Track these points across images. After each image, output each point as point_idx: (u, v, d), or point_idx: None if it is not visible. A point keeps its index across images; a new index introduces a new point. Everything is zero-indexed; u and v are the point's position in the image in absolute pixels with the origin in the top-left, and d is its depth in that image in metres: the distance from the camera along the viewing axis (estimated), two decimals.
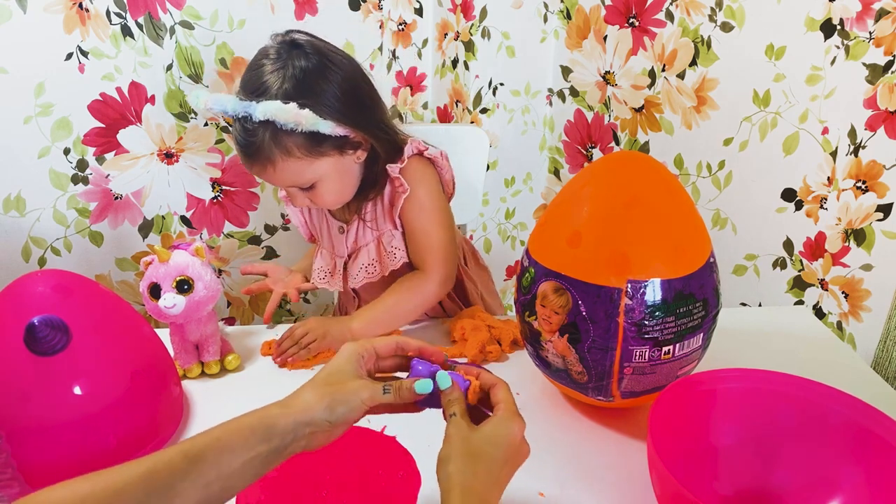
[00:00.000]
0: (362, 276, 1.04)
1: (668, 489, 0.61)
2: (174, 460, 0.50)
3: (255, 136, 0.87)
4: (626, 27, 1.35)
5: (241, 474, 0.52)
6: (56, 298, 0.72)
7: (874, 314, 1.11)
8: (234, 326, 1.06)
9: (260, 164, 0.90)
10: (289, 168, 0.90)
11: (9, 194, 1.20)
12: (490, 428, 0.56)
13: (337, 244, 1.06)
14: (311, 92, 0.87)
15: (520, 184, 1.63)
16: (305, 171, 0.91)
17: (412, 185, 0.98)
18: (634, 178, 0.76)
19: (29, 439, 0.69)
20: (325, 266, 1.08)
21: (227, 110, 0.87)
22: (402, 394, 0.59)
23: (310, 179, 0.93)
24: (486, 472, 0.54)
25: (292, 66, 0.88)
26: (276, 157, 0.88)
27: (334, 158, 0.92)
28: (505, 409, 0.58)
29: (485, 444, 0.55)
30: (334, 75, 0.90)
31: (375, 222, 1.02)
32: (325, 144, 0.90)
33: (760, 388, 0.72)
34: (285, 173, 0.90)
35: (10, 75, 1.13)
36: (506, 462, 0.56)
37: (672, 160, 1.37)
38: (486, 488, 0.54)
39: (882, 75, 1.04)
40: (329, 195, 0.96)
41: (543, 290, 0.76)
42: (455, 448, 0.55)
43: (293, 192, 0.96)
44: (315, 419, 0.55)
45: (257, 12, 1.23)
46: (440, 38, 1.39)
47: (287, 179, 0.92)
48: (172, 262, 0.85)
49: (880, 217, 1.08)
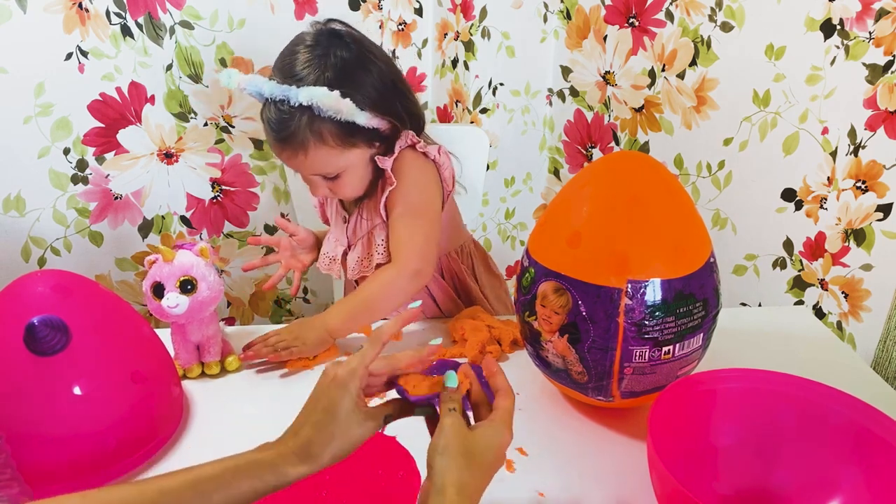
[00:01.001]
0: (357, 269, 1.04)
1: (668, 489, 0.61)
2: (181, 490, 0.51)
3: (291, 121, 0.88)
4: (626, 27, 1.35)
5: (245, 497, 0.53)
6: (56, 298, 0.72)
7: (874, 314, 1.11)
8: (234, 326, 1.06)
9: (291, 150, 0.90)
10: (320, 156, 0.90)
11: (9, 194, 1.20)
12: (485, 431, 0.57)
13: (341, 233, 1.07)
14: (351, 82, 0.88)
15: (520, 184, 1.63)
16: (335, 160, 0.92)
17: (398, 176, 0.97)
18: (634, 178, 0.76)
19: (29, 439, 0.69)
20: (330, 252, 1.08)
21: (264, 92, 0.88)
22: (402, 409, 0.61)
23: (337, 169, 0.93)
24: (479, 472, 0.55)
25: (333, 55, 0.89)
26: (310, 143, 0.89)
27: (362, 150, 0.94)
28: (502, 418, 0.58)
29: (480, 446, 0.56)
30: (374, 67, 0.92)
31: (369, 215, 1.03)
32: (357, 135, 0.91)
33: (760, 388, 0.72)
34: (315, 161, 0.91)
35: (10, 75, 1.13)
36: (492, 466, 0.57)
37: (672, 160, 1.37)
38: (476, 488, 0.55)
39: (882, 75, 1.04)
40: (350, 186, 0.97)
41: (543, 290, 0.76)
42: (451, 441, 0.55)
43: (315, 181, 0.96)
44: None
45: (257, 12, 1.23)
46: (440, 38, 1.39)
47: (316, 167, 0.93)
48: (177, 262, 0.84)
49: (880, 217, 1.08)
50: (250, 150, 1.33)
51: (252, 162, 1.34)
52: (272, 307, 1.50)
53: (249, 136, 1.32)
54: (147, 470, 0.76)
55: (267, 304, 1.49)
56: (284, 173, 1.35)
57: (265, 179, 1.37)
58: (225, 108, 1.28)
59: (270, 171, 1.36)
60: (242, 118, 1.30)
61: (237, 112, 1.29)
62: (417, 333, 1.02)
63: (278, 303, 1.50)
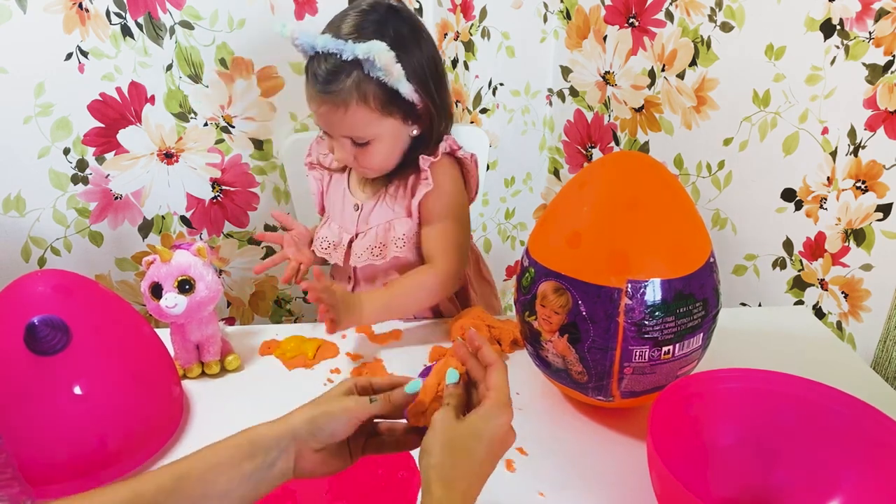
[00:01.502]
0: (366, 257, 1.04)
1: (668, 489, 0.61)
2: (161, 479, 0.50)
3: (340, 75, 0.90)
4: (626, 27, 1.35)
5: (228, 492, 0.52)
6: (56, 298, 0.72)
7: (874, 314, 1.11)
8: (234, 326, 1.06)
9: (332, 104, 0.91)
10: (358, 116, 0.92)
11: (9, 194, 1.20)
12: (476, 420, 0.55)
13: (349, 220, 1.07)
14: (404, 51, 0.91)
15: (520, 184, 1.63)
16: (371, 124, 0.93)
17: (438, 179, 1.00)
18: (634, 178, 0.76)
19: (29, 439, 0.69)
20: (331, 237, 1.08)
21: (317, 45, 0.90)
22: (393, 399, 0.58)
23: (370, 134, 0.95)
24: (466, 465, 0.53)
25: (391, 24, 0.92)
26: (353, 100, 0.91)
27: (397, 123, 0.96)
28: (494, 399, 0.56)
29: (468, 438, 0.54)
30: (424, 46, 0.95)
31: (393, 204, 1.03)
32: (396, 105, 0.93)
33: (760, 388, 0.72)
34: (353, 119, 0.92)
35: (10, 75, 1.13)
36: (488, 454, 0.55)
37: (672, 160, 1.37)
38: (465, 481, 0.53)
39: (882, 75, 1.04)
40: (377, 157, 0.98)
41: (543, 290, 0.76)
42: (437, 438, 0.54)
43: (344, 144, 0.97)
44: (298, 431, 0.55)
45: (257, 12, 1.23)
46: (440, 38, 1.39)
47: (351, 127, 0.94)
48: (174, 262, 0.85)
49: (880, 217, 1.08)
50: (250, 150, 1.33)
51: (252, 162, 1.34)
52: (272, 307, 1.50)
53: (249, 136, 1.32)
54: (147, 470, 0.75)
55: (267, 304, 1.49)
56: (284, 173, 1.35)
57: (265, 179, 1.37)
58: (225, 108, 1.28)
59: (270, 171, 1.36)
60: (242, 118, 1.30)
61: (237, 112, 1.29)
62: (418, 333, 1.02)
63: (278, 303, 1.50)
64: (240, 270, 1.43)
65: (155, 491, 0.49)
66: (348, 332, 1.02)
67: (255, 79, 1.27)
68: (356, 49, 0.87)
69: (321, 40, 0.90)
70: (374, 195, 1.05)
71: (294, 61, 1.28)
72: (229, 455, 0.53)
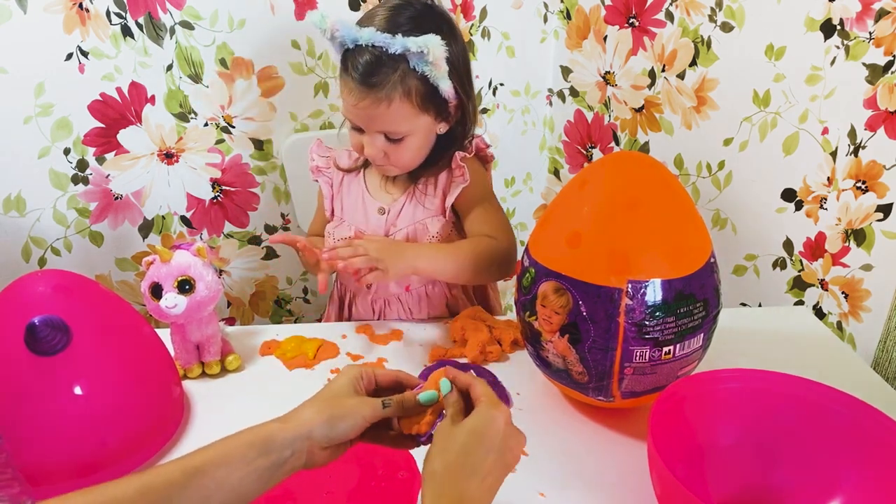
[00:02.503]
0: None
1: (669, 489, 0.61)
2: (172, 474, 0.50)
3: (385, 69, 0.89)
4: (626, 27, 1.35)
5: (239, 489, 0.52)
6: (56, 298, 0.72)
7: (874, 314, 1.11)
8: (234, 326, 1.05)
9: (375, 97, 0.91)
10: (400, 111, 0.92)
11: (9, 194, 1.20)
12: (470, 421, 0.56)
13: (373, 224, 1.05)
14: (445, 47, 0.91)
15: (520, 184, 1.63)
16: (410, 119, 0.94)
17: (472, 176, 1.01)
18: (634, 178, 0.76)
19: (29, 439, 0.69)
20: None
21: (360, 38, 0.89)
22: (405, 405, 0.59)
23: (407, 130, 0.95)
24: (461, 465, 0.53)
25: (431, 20, 0.92)
26: (396, 95, 0.91)
27: (430, 120, 0.97)
28: (484, 402, 0.57)
29: (464, 439, 0.54)
30: (459, 44, 0.96)
31: (423, 203, 1.04)
32: (434, 102, 0.94)
33: (760, 388, 0.72)
34: (395, 115, 0.92)
35: (10, 75, 1.13)
36: (490, 450, 0.54)
37: (672, 160, 1.37)
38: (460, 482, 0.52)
39: (882, 75, 1.04)
40: (408, 154, 0.98)
41: (544, 290, 0.76)
42: (436, 447, 0.55)
43: (374, 140, 0.96)
44: (314, 434, 0.55)
45: (257, 12, 1.23)
46: None
47: (391, 122, 0.94)
48: (174, 262, 0.85)
49: (880, 217, 1.08)
50: (250, 150, 1.33)
51: (252, 162, 1.34)
52: (272, 307, 1.50)
53: (249, 137, 1.32)
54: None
55: (267, 304, 1.49)
56: (284, 173, 1.35)
57: (265, 180, 1.37)
58: (225, 108, 1.28)
59: (270, 172, 1.36)
60: (242, 118, 1.30)
61: (237, 112, 1.29)
62: (418, 333, 1.02)
63: (278, 303, 1.50)
64: (240, 270, 1.43)
65: (166, 485, 0.49)
66: (348, 332, 1.02)
67: (256, 79, 1.27)
68: (408, 42, 0.87)
69: (366, 33, 0.88)
70: (401, 196, 1.05)
71: (294, 61, 1.29)
72: (242, 453, 0.53)
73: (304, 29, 1.27)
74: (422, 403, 0.59)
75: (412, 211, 1.04)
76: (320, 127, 1.36)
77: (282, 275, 1.47)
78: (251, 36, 1.24)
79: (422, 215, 1.03)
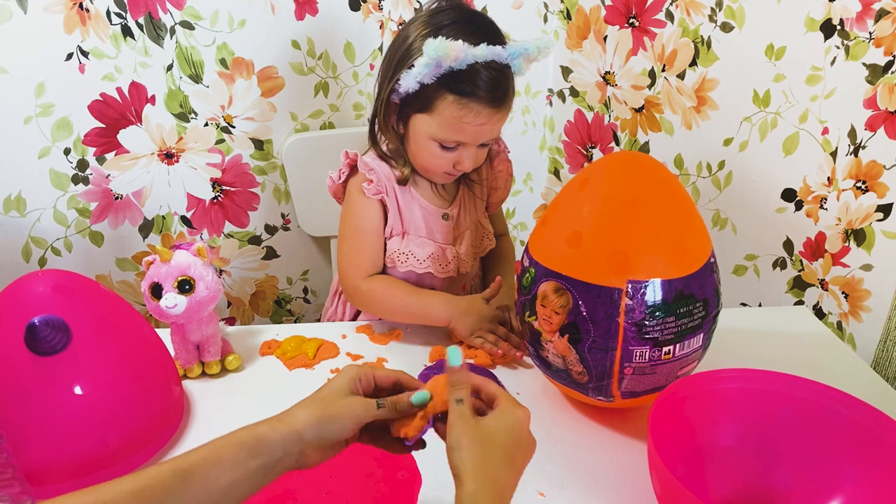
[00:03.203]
0: (470, 261, 1.07)
1: (669, 489, 0.61)
2: (164, 476, 0.50)
3: (504, 81, 0.91)
4: (626, 27, 1.35)
5: (231, 490, 0.52)
6: (57, 298, 0.72)
7: (874, 314, 1.11)
8: (234, 326, 1.05)
9: (502, 113, 0.93)
10: (507, 115, 0.94)
11: (9, 194, 1.20)
12: (496, 416, 0.55)
13: (439, 232, 1.03)
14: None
15: (520, 184, 1.63)
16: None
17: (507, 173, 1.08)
18: (634, 178, 0.76)
19: (29, 439, 0.69)
20: (422, 253, 1.01)
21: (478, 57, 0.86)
22: (398, 407, 0.58)
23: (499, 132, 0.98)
24: (500, 455, 0.53)
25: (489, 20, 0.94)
26: (510, 100, 0.93)
27: None
28: (506, 401, 0.57)
29: (493, 431, 0.54)
30: None
31: (474, 203, 1.07)
32: None
33: (760, 388, 0.72)
34: (504, 120, 0.94)
35: (10, 75, 1.13)
36: (518, 446, 0.55)
37: (672, 160, 1.37)
38: (501, 472, 0.53)
39: (882, 75, 1.04)
40: (485, 155, 1.00)
41: (544, 290, 0.76)
42: (464, 434, 0.53)
43: (477, 151, 0.96)
44: (305, 435, 0.55)
45: (257, 12, 1.23)
46: None
47: (500, 128, 0.96)
48: (174, 262, 0.85)
49: (880, 217, 1.08)
50: (251, 150, 1.33)
51: (252, 162, 1.34)
52: (272, 307, 1.50)
53: (250, 136, 1.32)
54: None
55: (267, 304, 1.49)
56: (284, 173, 1.35)
57: (265, 179, 1.37)
58: (225, 108, 1.28)
59: (271, 172, 1.36)
60: (243, 118, 1.30)
61: (237, 112, 1.29)
62: (418, 333, 1.02)
63: (278, 303, 1.50)
64: (240, 270, 1.43)
65: (159, 487, 0.49)
66: (348, 332, 1.02)
67: (256, 79, 1.27)
68: (528, 47, 0.89)
69: (482, 51, 0.86)
70: (454, 198, 1.05)
71: (294, 61, 1.29)
72: (234, 453, 0.53)
73: (304, 29, 1.27)
74: (414, 405, 0.58)
75: (467, 213, 1.05)
76: (320, 127, 1.37)
77: (282, 275, 1.47)
78: (251, 36, 1.24)
79: (475, 215, 1.07)
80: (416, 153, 0.97)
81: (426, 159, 0.96)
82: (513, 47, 0.88)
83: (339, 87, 1.35)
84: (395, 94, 0.93)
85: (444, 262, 1.03)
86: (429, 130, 0.92)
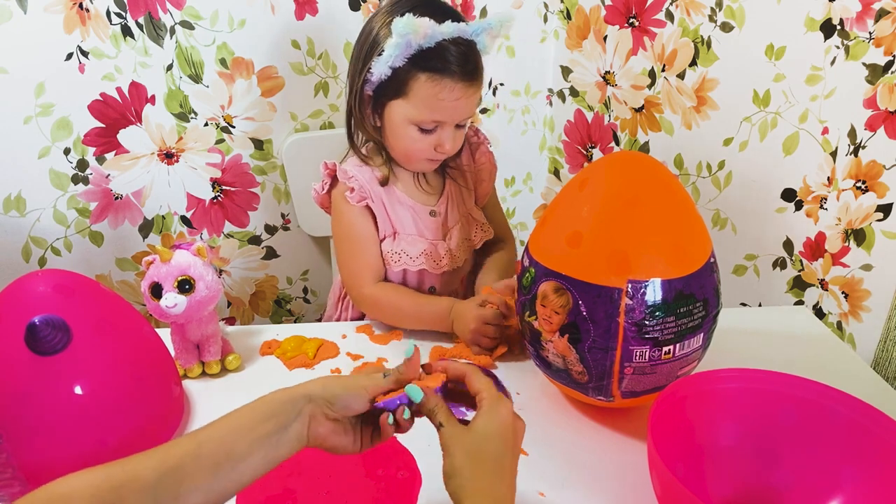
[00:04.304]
0: (461, 254, 1.06)
1: (669, 489, 0.61)
2: (184, 444, 0.52)
3: (472, 55, 0.93)
4: (626, 27, 1.35)
5: (246, 455, 0.53)
6: (57, 298, 0.72)
7: (874, 314, 1.11)
8: (234, 326, 1.05)
9: (474, 89, 0.94)
10: (479, 93, 0.96)
11: (9, 194, 1.20)
12: (481, 423, 0.57)
13: (431, 229, 1.04)
14: None
15: (520, 184, 1.63)
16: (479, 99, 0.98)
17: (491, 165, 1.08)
18: (634, 178, 0.76)
19: (29, 439, 0.69)
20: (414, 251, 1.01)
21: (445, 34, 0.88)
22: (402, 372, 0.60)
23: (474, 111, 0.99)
24: (491, 469, 0.55)
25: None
26: (480, 76, 0.95)
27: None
28: (487, 398, 0.58)
29: (482, 443, 0.55)
30: None
31: (462, 196, 1.07)
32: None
33: (760, 388, 0.72)
34: (477, 96, 0.96)
35: (10, 75, 1.13)
36: (506, 451, 0.56)
37: (672, 160, 1.37)
38: (494, 485, 0.54)
39: (882, 75, 1.04)
40: (462, 135, 1.00)
41: (544, 290, 0.76)
42: (457, 459, 0.55)
43: (455, 131, 0.96)
44: (312, 393, 0.57)
45: (257, 12, 1.23)
46: None
47: (473, 107, 0.96)
48: (174, 262, 0.85)
49: (880, 217, 1.08)
50: (250, 150, 1.33)
51: (252, 162, 1.34)
52: (272, 307, 1.50)
53: (249, 136, 1.32)
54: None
55: (267, 304, 1.49)
56: (284, 173, 1.35)
57: (265, 179, 1.37)
58: (225, 108, 1.28)
59: (270, 172, 1.36)
60: (243, 118, 1.30)
61: (237, 112, 1.29)
62: (419, 333, 1.02)
63: (278, 303, 1.50)
64: (240, 270, 1.43)
65: (181, 455, 0.51)
66: (348, 332, 1.02)
67: (256, 79, 1.27)
68: (491, 22, 0.90)
69: (448, 28, 0.88)
70: (440, 193, 1.05)
71: (294, 61, 1.29)
72: (246, 419, 0.55)
73: (304, 29, 1.27)
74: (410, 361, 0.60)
75: (454, 206, 1.05)
76: (320, 127, 1.37)
77: (282, 275, 1.47)
78: (251, 36, 1.24)
79: (463, 208, 1.07)
80: (396, 143, 0.97)
81: (406, 146, 0.97)
82: (476, 23, 0.90)
83: (339, 87, 1.35)
84: (369, 85, 0.94)
85: (436, 258, 1.03)
86: (406, 114, 0.93)
